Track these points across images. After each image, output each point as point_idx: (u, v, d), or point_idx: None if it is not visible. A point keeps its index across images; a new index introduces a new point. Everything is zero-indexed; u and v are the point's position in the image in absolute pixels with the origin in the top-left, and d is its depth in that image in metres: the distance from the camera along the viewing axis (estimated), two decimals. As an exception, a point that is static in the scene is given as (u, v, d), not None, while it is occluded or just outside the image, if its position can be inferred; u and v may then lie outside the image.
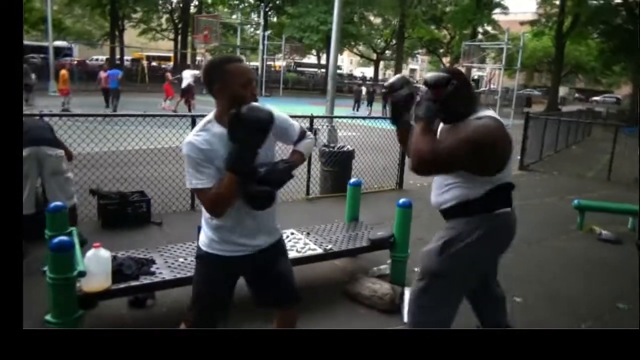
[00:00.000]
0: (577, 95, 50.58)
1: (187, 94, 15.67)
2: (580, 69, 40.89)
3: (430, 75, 2.08)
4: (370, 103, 21.69)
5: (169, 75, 18.10)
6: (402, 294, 3.21)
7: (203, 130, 1.81)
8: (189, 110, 14.57)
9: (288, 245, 3.31)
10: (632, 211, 5.40)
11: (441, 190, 2.11)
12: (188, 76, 15.78)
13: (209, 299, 2.00)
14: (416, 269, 3.84)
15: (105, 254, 2.52)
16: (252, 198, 1.81)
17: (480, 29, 34.31)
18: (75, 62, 28.63)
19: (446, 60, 42.10)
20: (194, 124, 5.10)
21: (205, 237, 1.96)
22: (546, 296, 3.59)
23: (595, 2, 27.42)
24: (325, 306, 3.18)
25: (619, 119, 22.58)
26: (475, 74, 44.88)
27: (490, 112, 2.03)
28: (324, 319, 3.03)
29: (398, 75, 2.28)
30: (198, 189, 1.79)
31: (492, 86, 38.46)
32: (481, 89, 39.49)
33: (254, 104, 1.79)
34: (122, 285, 2.60)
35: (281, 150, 2.09)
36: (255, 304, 2.14)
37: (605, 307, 3.45)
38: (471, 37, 30.02)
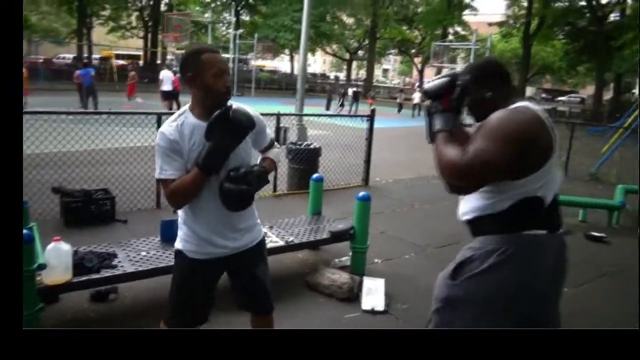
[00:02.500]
0: (543, 95, 52.02)
1: (171, 98, 14.43)
2: (547, 69, 42.12)
3: (428, 85, 1.74)
4: (356, 102, 21.67)
5: (133, 74, 17.41)
6: (360, 283, 3.35)
7: (175, 121, 1.81)
8: None
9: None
10: (583, 203, 5.70)
11: (464, 198, 1.76)
12: (169, 78, 14.44)
13: (185, 295, 2.00)
14: (376, 260, 4.03)
15: (65, 247, 2.57)
16: (228, 196, 1.79)
17: (450, 30, 35.01)
18: (41, 60, 27.89)
19: (418, 60, 42.74)
20: (159, 122, 5.13)
21: (182, 235, 1.96)
22: (498, 283, 3.78)
23: (560, 4, 28.36)
24: (287, 296, 3.28)
25: (582, 118, 23.41)
26: (446, 73, 45.71)
27: (525, 102, 1.62)
28: (286, 307, 3.13)
29: (440, 79, 1.75)
30: (162, 179, 1.81)
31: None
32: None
33: (239, 106, 1.80)
34: (83, 278, 2.64)
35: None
36: (238, 305, 2.17)
37: (551, 292, 3.66)
38: (442, 38, 30.61)
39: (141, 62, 34.44)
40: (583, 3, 27.20)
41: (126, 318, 2.93)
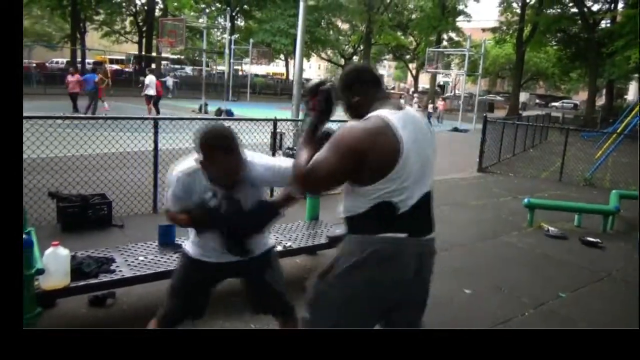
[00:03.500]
0: (537, 100, 52.45)
1: (154, 103, 15.05)
2: (540, 75, 42.51)
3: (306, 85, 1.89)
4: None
5: (100, 77, 16.06)
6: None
7: (187, 175, 1.98)
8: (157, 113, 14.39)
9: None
10: (579, 209, 5.75)
11: (343, 197, 1.80)
12: (153, 83, 14.99)
13: (182, 292, 2.15)
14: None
15: (63, 252, 2.55)
16: (229, 250, 2.03)
17: (445, 36, 35.26)
18: (34, 64, 27.78)
19: (412, 66, 42.99)
20: (156, 127, 5.13)
21: (192, 238, 2.14)
22: (494, 287, 3.81)
23: (552, 11, 28.66)
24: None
25: (575, 123, 23.60)
26: (441, 79, 46.03)
27: (381, 111, 1.68)
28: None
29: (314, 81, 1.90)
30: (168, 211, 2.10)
31: (457, 91, 39.45)
32: (447, 95, 40.51)
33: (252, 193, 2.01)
34: (81, 283, 2.63)
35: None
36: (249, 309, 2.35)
37: (547, 296, 3.69)
38: (436, 44, 30.81)
39: (115, 67, 34.25)
40: (575, 10, 27.51)
41: (124, 323, 2.91)
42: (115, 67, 33.95)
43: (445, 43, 34.50)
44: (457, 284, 3.83)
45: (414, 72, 43.35)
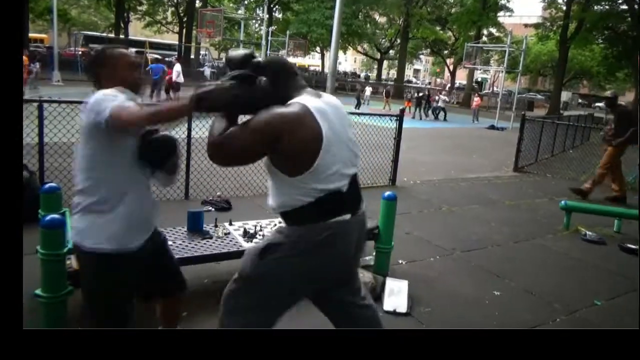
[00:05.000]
0: (580, 100, 50.54)
1: (175, 88, 16.22)
2: (584, 74, 40.90)
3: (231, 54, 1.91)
4: (427, 108, 21.35)
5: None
6: (383, 283, 3.32)
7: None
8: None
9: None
10: (618, 213, 5.49)
11: (273, 193, 1.85)
12: (178, 71, 16.37)
13: (110, 307, 1.92)
14: (401, 261, 3.98)
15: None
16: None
17: (484, 31, 34.37)
18: (80, 52, 28.74)
19: (450, 61, 42.15)
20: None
21: (101, 231, 1.83)
22: (525, 291, 3.69)
23: (600, 7, 27.45)
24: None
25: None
26: (478, 75, 44.99)
27: (304, 98, 1.75)
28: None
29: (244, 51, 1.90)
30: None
31: (495, 89, 38.44)
32: (485, 91, 39.55)
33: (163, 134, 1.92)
34: (110, 264, 2.69)
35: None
36: (139, 297, 2.07)
37: (581, 303, 3.55)
38: (475, 39, 30.07)
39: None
40: (624, 7, 26.25)
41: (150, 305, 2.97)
42: (156, 55, 34.72)
43: (484, 38, 33.63)
44: (487, 284, 3.73)
45: (451, 67, 42.50)
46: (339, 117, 1.80)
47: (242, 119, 1.79)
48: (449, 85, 37.63)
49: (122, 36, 32.69)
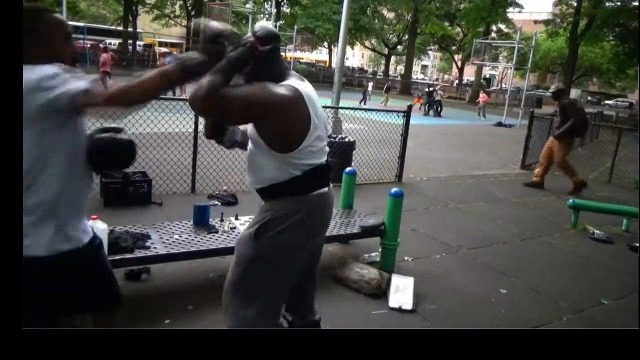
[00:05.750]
0: (589, 98, 50.04)
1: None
2: (594, 71, 40.49)
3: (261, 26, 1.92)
4: (432, 104, 21.06)
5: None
6: (389, 280, 3.31)
7: None
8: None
9: (280, 228, 3.42)
10: (627, 212, 5.44)
11: (254, 169, 1.95)
12: None
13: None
14: (406, 258, 3.97)
15: (102, 225, 2.62)
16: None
17: (493, 27, 34.06)
18: (89, 45, 28.82)
19: (458, 57, 41.85)
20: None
21: (42, 238, 1.56)
22: (532, 289, 3.67)
23: (611, 4, 27.11)
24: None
25: (629, 123, 22.36)
26: (487, 72, 44.70)
27: (294, 82, 1.85)
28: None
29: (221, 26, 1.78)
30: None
31: (503, 85, 38.15)
32: (492, 88, 39.28)
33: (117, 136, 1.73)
34: (117, 257, 2.71)
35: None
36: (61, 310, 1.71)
37: (588, 302, 3.52)
38: (484, 35, 29.82)
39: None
40: (636, 3, 25.91)
41: (155, 298, 2.99)
42: (164, 49, 34.81)
43: (493, 34, 33.35)
44: (493, 282, 3.72)
45: (459, 63, 42.22)
46: (317, 100, 1.93)
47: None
48: (456, 81, 37.37)
49: (130, 29, 32.76)
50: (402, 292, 3.21)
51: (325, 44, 40.17)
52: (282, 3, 35.69)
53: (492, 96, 32.21)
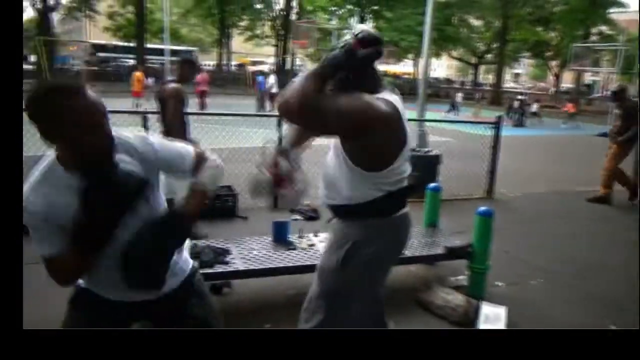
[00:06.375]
0: None
1: (272, 99, 17.46)
2: None
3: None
4: (522, 114, 19.71)
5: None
6: (477, 308, 3.04)
7: (42, 185, 1.33)
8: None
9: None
10: None
11: (331, 183, 1.82)
12: (273, 81, 17.75)
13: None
14: (498, 283, 3.64)
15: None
16: (132, 286, 1.40)
17: (593, 29, 31.42)
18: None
19: (554, 63, 39.15)
20: (280, 122, 5.28)
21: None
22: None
23: None
24: (396, 312, 3.08)
25: None
26: (589, 78, 41.28)
27: (388, 95, 1.71)
28: (395, 325, 2.95)
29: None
30: (48, 257, 1.36)
31: (607, 92, 34.93)
32: (595, 95, 36.15)
33: (119, 167, 1.34)
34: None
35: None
36: None
37: None
38: (583, 39, 27.59)
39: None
40: None
41: (236, 314, 2.99)
42: (255, 68, 36.60)
43: (594, 37, 30.72)
44: (603, 317, 3.25)
45: (555, 70, 39.47)
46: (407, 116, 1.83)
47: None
48: (552, 89, 34.88)
49: (225, 49, 34.88)
50: (492, 323, 2.91)
51: (410, 56, 39.59)
52: (366, 18, 35.87)
53: (595, 104, 29.62)
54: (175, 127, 3.95)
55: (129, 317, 1.60)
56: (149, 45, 31.13)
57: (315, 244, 3.31)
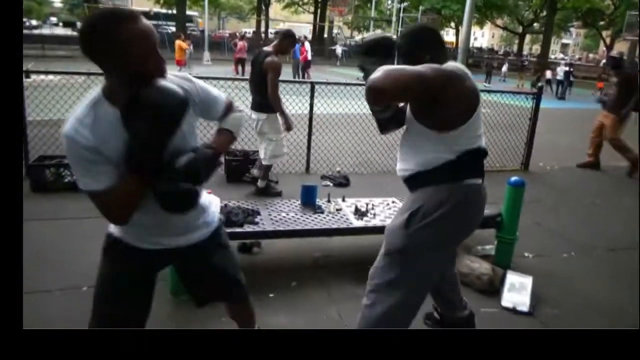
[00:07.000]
0: None
1: (307, 67, 17.59)
2: None
3: (366, 39, 1.97)
4: (569, 85, 19.10)
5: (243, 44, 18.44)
6: (503, 277, 3.03)
7: (87, 116, 1.34)
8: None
9: (387, 213, 3.32)
10: None
11: (405, 154, 1.90)
12: (307, 49, 17.94)
13: (112, 295, 1.60)
14: (527, 254, 3.60)
15: (215, 199, 2.78)
16: (166, 200, 1.42)
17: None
18: (227, 34, 31.13)
19: (606, 33, 36.92)
20: (312, 91, 5.27)
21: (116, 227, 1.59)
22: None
23: None
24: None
25: None
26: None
27: (454, 63, 1.84)
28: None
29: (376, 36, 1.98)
30: (92, 191, 1.37)
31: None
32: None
33: (161, 83, 1.34)
34: (228, 230, 2.85)
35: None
36: (194, 302, 1.85)
37: None
38: (642, 7, 25.77)
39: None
40: None
41: (264, 272, 3.09)
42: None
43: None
44: (634, 291, 3.18)
45: (607, 40, 37.24)
46: None
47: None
48: (604, 60, 32.91)
49: (262, 17, 34.60)
50: (518, 291, 2.91)
51: (452, 24, 38.18)
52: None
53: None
54: (277, 98, 4.32)
55: (156, 265, 1.70)
56: (188, 12, 31.28)
57: (343, 208, 3.35)
